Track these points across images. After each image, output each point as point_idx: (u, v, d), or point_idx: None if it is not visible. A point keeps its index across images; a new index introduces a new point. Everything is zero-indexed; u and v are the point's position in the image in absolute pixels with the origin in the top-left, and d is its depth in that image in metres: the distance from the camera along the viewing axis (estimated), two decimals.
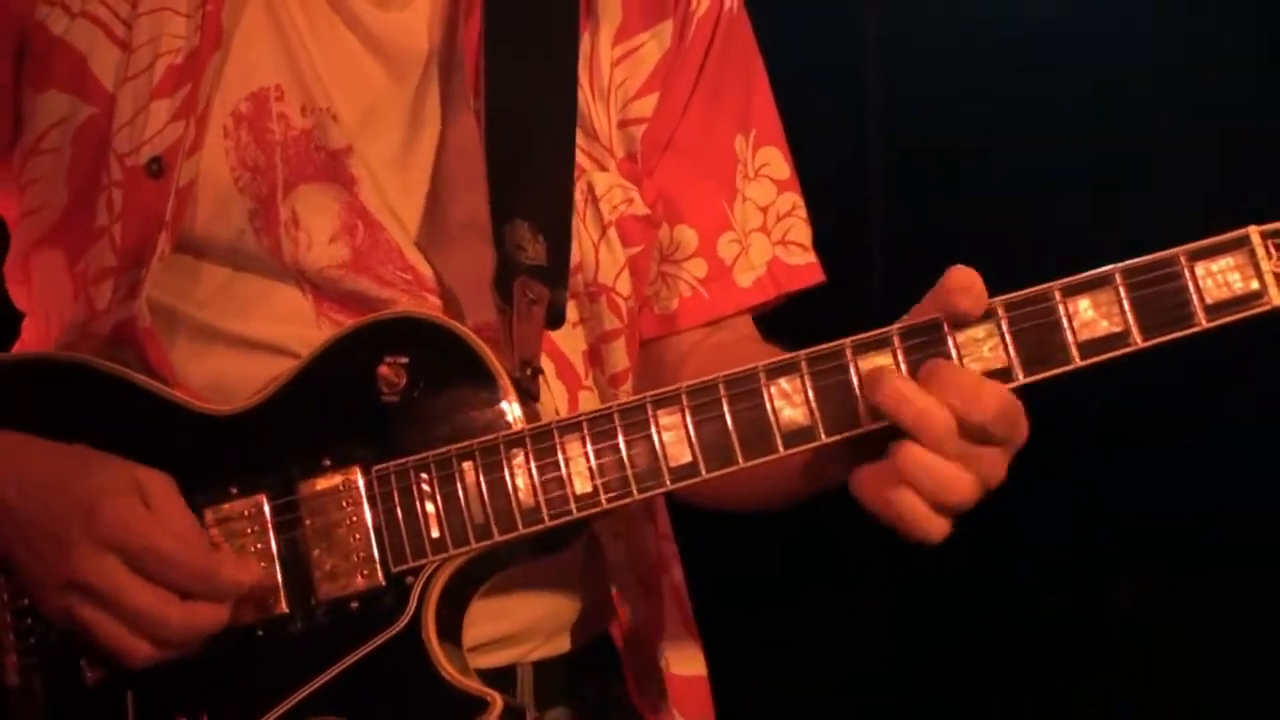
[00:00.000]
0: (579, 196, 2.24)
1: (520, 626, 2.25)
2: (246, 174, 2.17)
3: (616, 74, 2.28)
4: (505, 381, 2.07)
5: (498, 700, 2.02)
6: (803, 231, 2.38)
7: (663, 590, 2.36)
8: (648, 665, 2.30)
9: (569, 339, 2.25)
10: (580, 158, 2.25)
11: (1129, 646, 4.35)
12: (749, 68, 2.39)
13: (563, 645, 2.32)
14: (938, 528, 1.94)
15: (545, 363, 2.18)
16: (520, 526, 2.03)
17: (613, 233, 2.26)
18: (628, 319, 2.27)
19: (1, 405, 2.12)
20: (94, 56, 2.17)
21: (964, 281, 1.95)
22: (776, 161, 2.39)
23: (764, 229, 2.36)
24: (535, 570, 2.23)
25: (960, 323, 1.95)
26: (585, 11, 2.26)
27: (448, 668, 2.03)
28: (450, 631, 2.08)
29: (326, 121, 2.18)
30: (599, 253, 2.26)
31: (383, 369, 2.07)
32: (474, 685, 2.04)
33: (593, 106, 2.27)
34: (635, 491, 2.02)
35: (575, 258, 2.23)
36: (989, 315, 1.96)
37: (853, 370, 1.97)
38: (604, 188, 2.26)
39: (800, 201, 2.39)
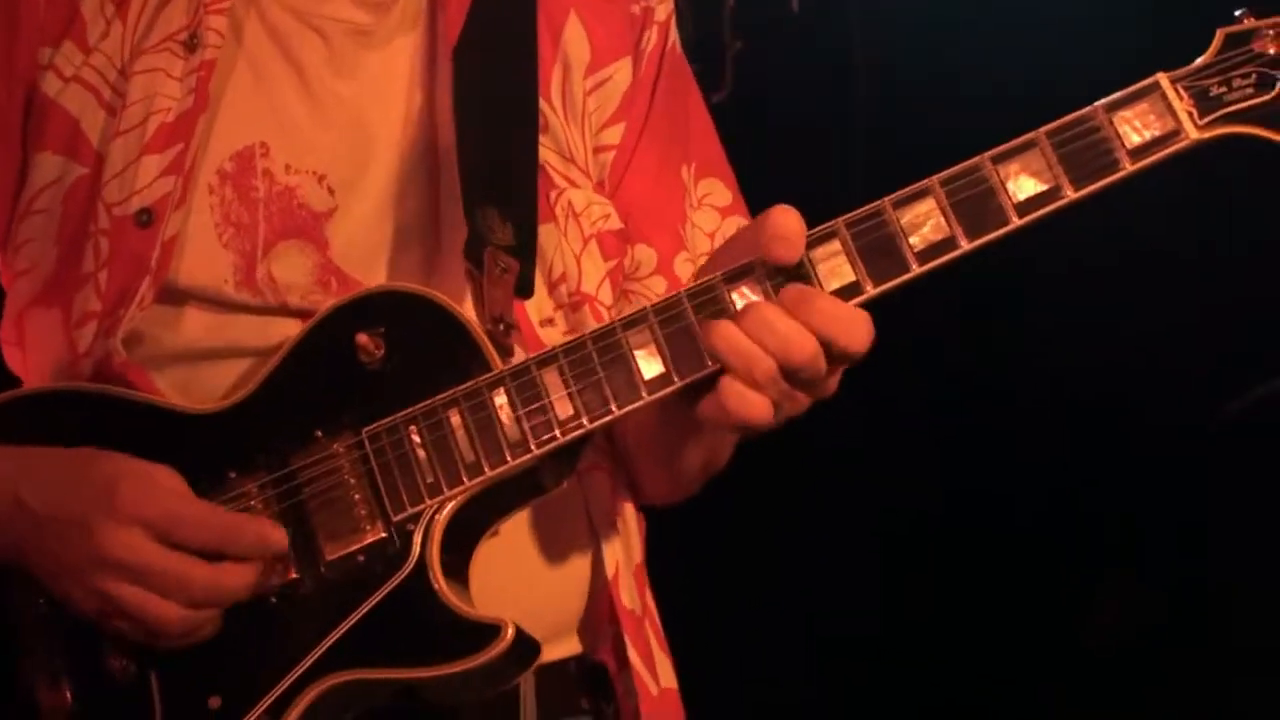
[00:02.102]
0: (560, 212, 2.36)
1: (528, 616, 2.28)
2: (230, 229, 2.27)
3: (589, 103, 2.42)
4: (480, 335, 2.16)
5: (509, 626, 2.08)
6: None
7: (646, 601, 2.44)
8: (634, 673, 2.36)
9: (557, 343, 2.33)
10: (557, 178, 2.37)
11: (1114, 662, 4.35)
12: (688, 103, 2.52)
13: (571, 646, 2.38)
14: (757, 406, 2.04)
15: None
16: (509, 458, 2.10)
17: (594, 245, 2.38)
18: None
19: (6, 435, 2.18)
20: (85, 119, 2.28)
21: (781, 230, 2.06)
22: (718, 190, 2.51)
23: (711, 252, 2.46)
24: (544, 561, 2.33)
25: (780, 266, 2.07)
26: (553, 47, 2.40)
27: (457, 602, 2.09)
28: (457, 573, 2.14)
29: (311, 183, 2.29)
30: (581, 263, 2.37)
31: (361, 339, 2.16)
32: (485, 615, 2.09)
33: (569, 132, 2.40)
34: (615, 408, 2.10)
35: (559, 269, 2.35)
36: (926, 191, 2.06)
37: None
38: (582, 204, 2.39)
39: (746, 224, 2.47)
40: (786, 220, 2.08)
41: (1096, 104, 2.06)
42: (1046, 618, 4.35)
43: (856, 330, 2.04)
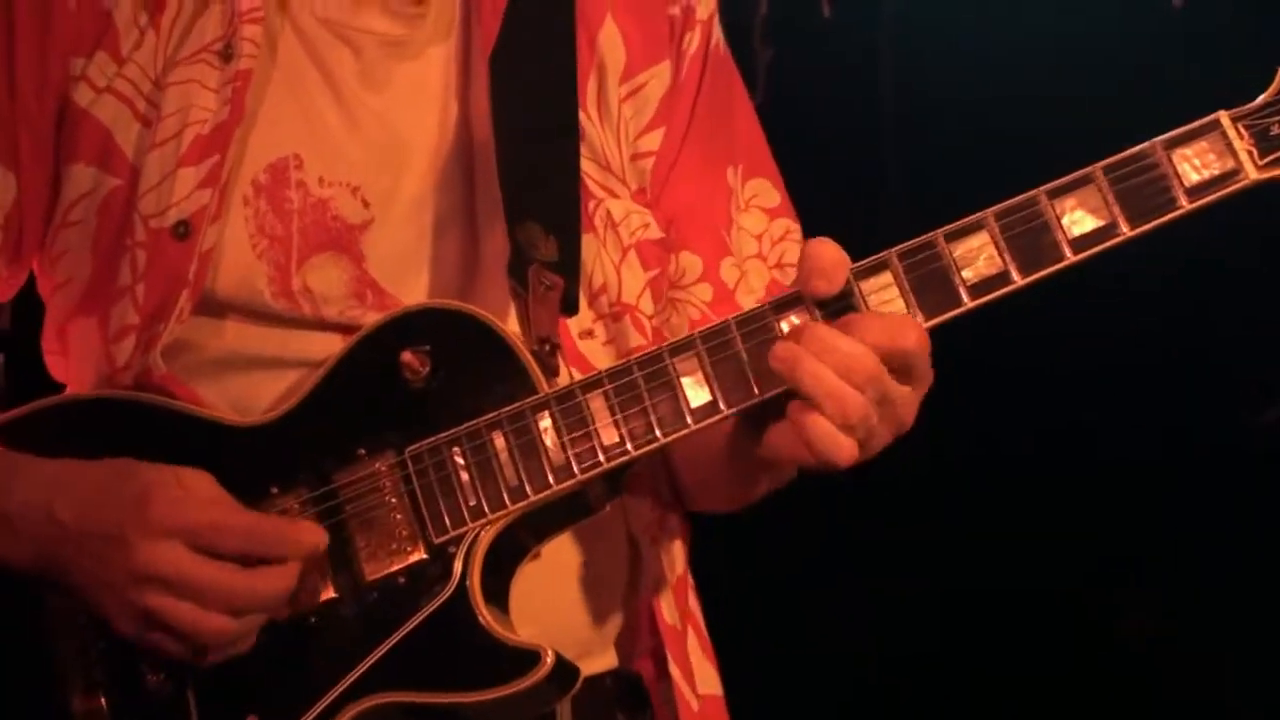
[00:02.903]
0: (599, 222, 2.34)
1: (566, 630, 2.29)
2: (264, 241, 2.25)
3: (625, 110, 2.39)
4: (526, 357, 2.14)
5: (549, 654, 2.06)
6: (797, 253, 2.44)
7: (689, 609, 2.41)
8: (674, 686, 2.35)
9: (598, 355, 2.32)
10: (595, 188, 2.35)
11: (1137, 669, 4.36)
12: (734, 103, 2.49)
13: (608, 661, 2.37)
14: (846, 446, 2.00)
15: (574, 377, 2.24)
16: (553, 483, 2.09)
17: (633, 255, 2.36)
18: (652, 336, 2.35)
19: (47, 442, 2.18)
20: (118, 130, 2.26)
21: (819, 262, 2.05)
22: (766, 191, 2.48)
23: (760, 255, 2.45)
24: (583, 577, 2.31)
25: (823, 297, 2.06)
26: (589, 53, 2.37)
27: (497, 628, 2.08)
28: (497, 598, 2.12)
29: (345, 195, 2.27)
30: (621, 273, 2.35)
31: (406, 357, 2.15)
32: (525, 641, 2.08)
33: (605, 140, 2.37)
34: (660, 435, 2.08)
35: (599, 279, 2.33)
36: (980, 225, 2.04)
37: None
38: (621, 214, 2.36)
39: (794, 225, 2.47)
40: (824, 253, 2.06)
41: (1155, 140, 2.03)
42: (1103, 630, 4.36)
43: (906, 332, 2.01)
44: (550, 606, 2.27)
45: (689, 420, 2.08)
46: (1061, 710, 4.40)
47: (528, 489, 2.10)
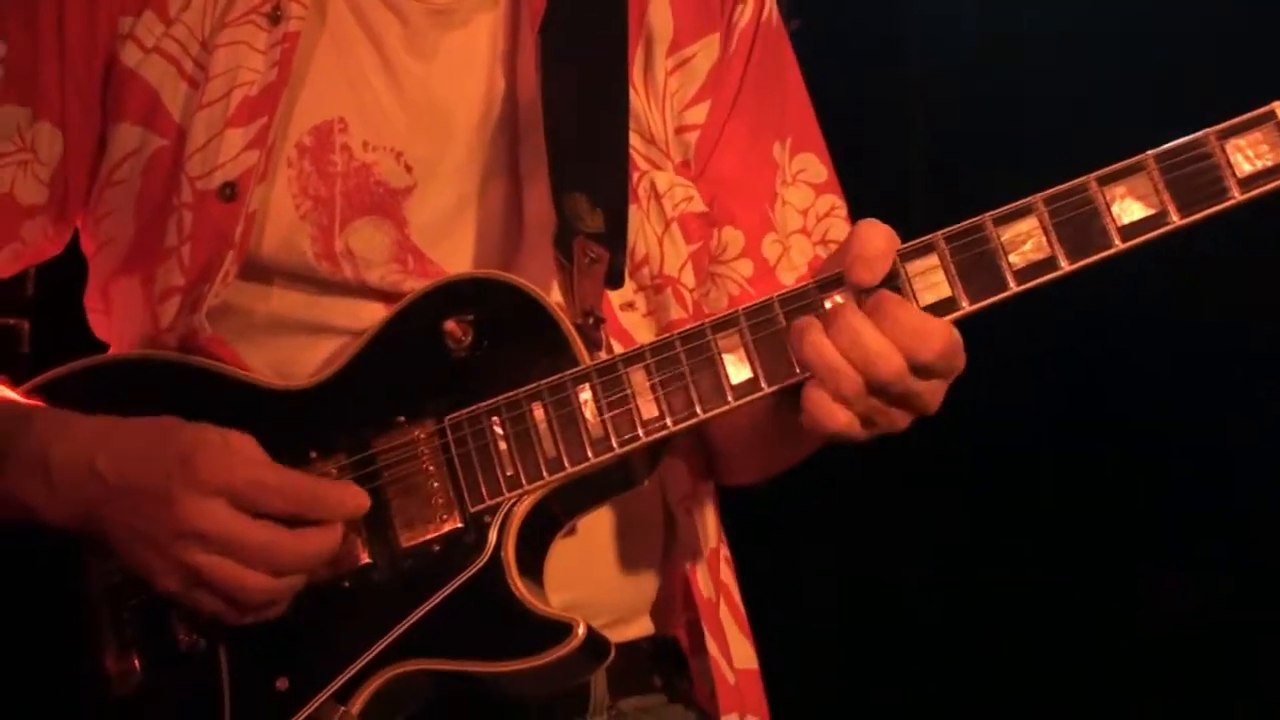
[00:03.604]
0: (643, 194, 2.33)
1: (601, 597, 2.30)
2: (308, 202, 2.25)
3: (671, 83, 2.38)
4: (569, 329, 2.14)
5: (581, 625, 2.06)
6: (843, 230, 2.44)
7: (721, 582, 2.41)
8: (710, 660, 2.34)
9: (639, 327, 2.31)
10: (639, 160, 2.34)
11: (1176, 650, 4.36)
12: (785, 76, 2.48)
13: (644, 628, 2.37)
14: (840, 417, 2.02)
15: (615, 350, 2.24)
16: (590, 456, 2.09)
17: (675, 228, 2.35)
18: (693, 310, 2.34)
19: (90, 400, 2.18)
20: (164, 90, 2.27)
21: (866, 250, 2.04)
22: (813, 166, 2.46)
23: (804, 230, 2.43)
24: (619, 543, 2.31)
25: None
26: (638, 24, 2.36)
27: (530, 598, 2.08)
28: (531, 569, 2.12)
29: (389, 160, 2.27)
30: (663, 246, 2.34)
31: (449, 325, 2.14)
32: (557, 613, 2.08)
33: (650, 113, 2.37)
34: (700, 411, 2.08)
35: (641, 251, 2.32)
36: (1029, 209, 2.03)
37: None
38: (665, 186, 2.35)
39: (840, 202, 2.46)
40: (872, 240, 2.05)
41: (1208, 130, 2.02)
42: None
43: (929, 341, 2.01)
44: (585, 573, 2.27)
45: (729, 397, 2.07)
46: (1085, 695, 4.41)
47: (565, 461, 2.09)
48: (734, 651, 2.37)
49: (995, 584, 4.43)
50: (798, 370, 2.05)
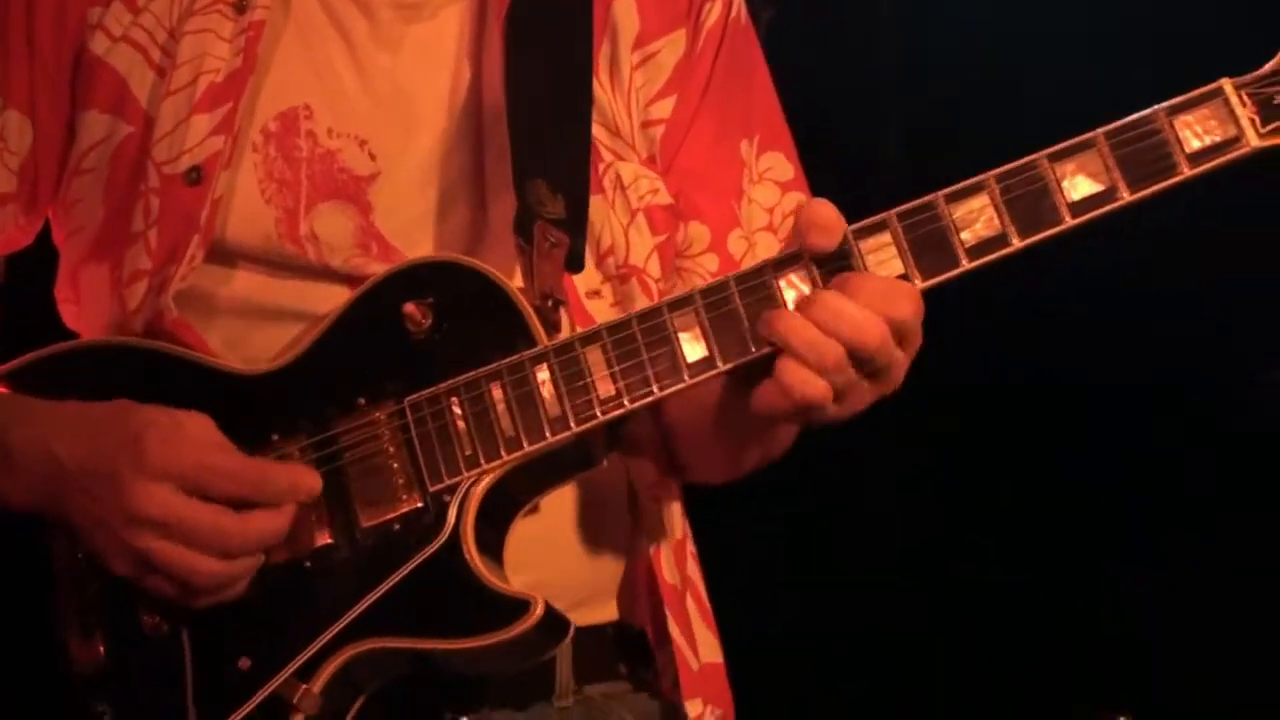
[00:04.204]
0: (608, 184, 2.35)
1: (564, 578, 2.31)
2: (273, 186, 2.27)
3: (637, 77, 2.40)
4: (527, 310, 2.15)
5: (539, 603, 2.08)
6: None
7: (687, 576, 2.43)
8: (674, 647, 2.36)
9: (605, 316, 2.31)
10: (604, 151, 2.36)
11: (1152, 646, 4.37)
12: (753, 75, 2.50)
13: (608, 613, 2.38)
14: (820, 387, 2.03)
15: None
16: (548, 435, 2.10)
17: (641, 219, 2.37)
18: (658, 299, 2.34)
19: (53, 387, 2.19)
20: (132, 78, 2.29)
21: (818, 219, 2.06)
22: (780, 165, 2.48)
23: (769, 228, 2.45)
24: (584, 527, 2.33)
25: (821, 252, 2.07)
26: (603, 18, 2.39)
27: (488, 576, 2.09)
28: (491, 548, 2.14)
29: (353, 148, 2.29)
30: (629, 236, 2.36)
31: (408, 308, 2.16)
32: (516, 590, 2.09)
33: (615, 106, 2.38)
34: (656, 389, 2.09)
35: (606, 241, 2.34)
36: (981, 187, 2.05)
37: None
38: (630, 177, 2.37)
39: (806, 199, 2.46)
40: (823, 209, 2.08)
41: (1157, 107, 2.04)
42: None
43: (902, 301, 2.03)
44: (549, 555, 2.29)
45: (685, 375, 2.09)
46: (1059, 690, 4.42)
47: (523, 440, 2.11)
48: (700, 644, 2.38)
49: (967, 580, 4.44)
50: (753, 349, 2.07)
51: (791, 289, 2.08)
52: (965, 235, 2.05)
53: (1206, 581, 4.21)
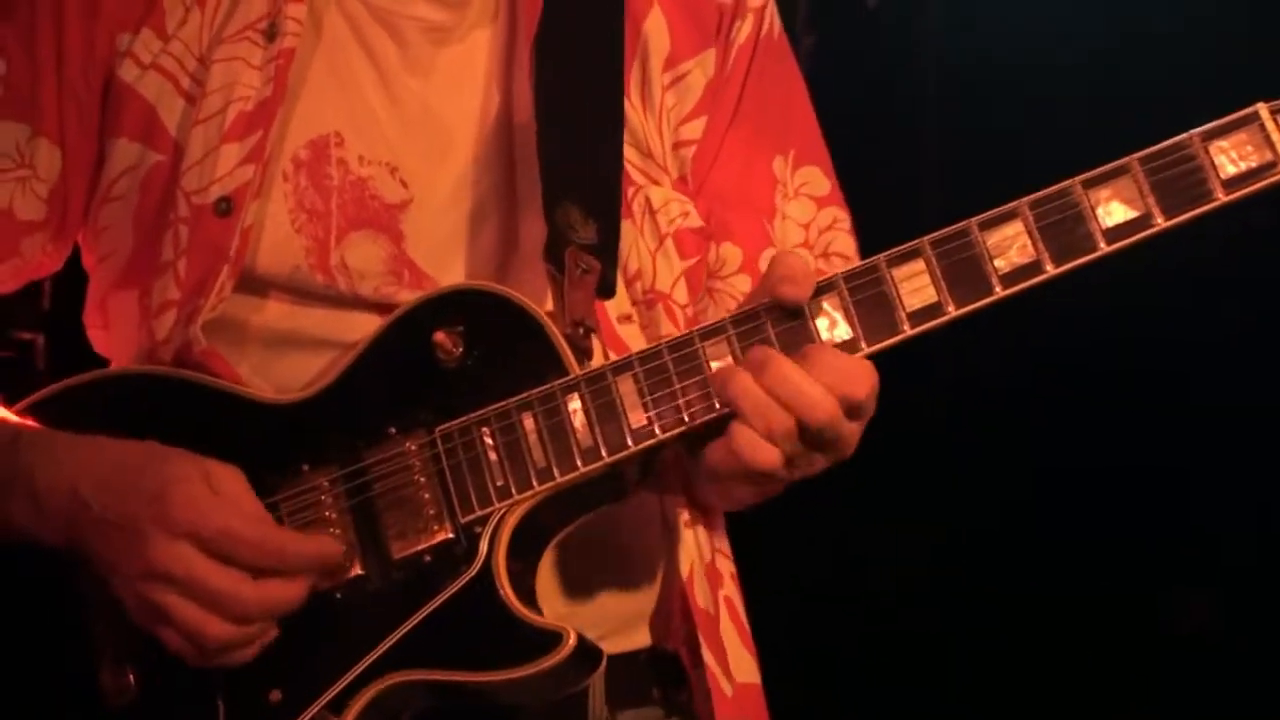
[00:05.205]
0: (637, 210, 2.34)
1: (597, 608, 2.30)
2: (304, 215, 2.27)
3: (668, 98, 2.39)
4: (558, 338, 2.15)
5: (571, 635, 2.06)
6: (845, 243, 2.45)
7: (721, 598, 2.40)
8: (707, 672, 2.34)
9: (637, 341, 2.32)
10: (635, 174, 2.35)
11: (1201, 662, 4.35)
12: (788, 89, 2.48)
13: (641, 639, 2.37)
14: (768, 453, 2.03)
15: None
16: (580, 465, 2.09)
17: (670, 243, 2.36)
18: (684, 326, 2.34)
19: (82, 418, 2.18)
20: (161, 106, 2.28)
21: (788, 271, 2.07)
22: (816, 179, 2.46)
23: (806, 244, 2.44)
24: (616, 554, 2.31)
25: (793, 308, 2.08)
26: (634, 39, 2.37)
27: (520, 608, 2.08)
28: (522, 579, 2.13)
29: (384, 175, 2.28)
30: (656, 262, 2.34)
31: (439, 336, 2.15)
32: (548, 622, 2.08)
33: (647, 127, 2.37)
34: (687, 419, 2.08)
35: (634, 266, 2.33)
36: (1014, 214, 2.03)
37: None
38: (660, 201, 2.36)
39: (843, 215, 2.46)
40: (794, 261, 2.09)
41: (1192, 132, 2.02)
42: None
43: (861, 382, 2.04)
44: (581, 584, 2.28)
45: (717, 404, 2.08)
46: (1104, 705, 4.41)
47: (555, 471, 2.10)
48: (734, 664, 2.36)
49: (1000, 596, 4.42)
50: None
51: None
52: (999, 262, 2.03)
53: None
